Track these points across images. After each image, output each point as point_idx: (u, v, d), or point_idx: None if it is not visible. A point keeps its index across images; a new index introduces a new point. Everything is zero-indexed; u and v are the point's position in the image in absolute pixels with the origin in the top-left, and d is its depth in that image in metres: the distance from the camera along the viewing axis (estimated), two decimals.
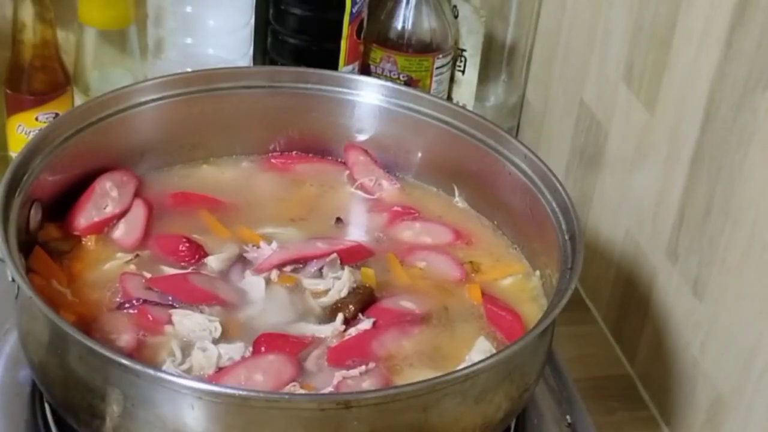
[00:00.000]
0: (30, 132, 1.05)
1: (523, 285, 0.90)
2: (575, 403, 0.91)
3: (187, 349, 0.78)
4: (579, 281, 0.77)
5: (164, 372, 0.71)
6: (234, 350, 0.78)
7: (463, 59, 1.23)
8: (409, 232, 0.95)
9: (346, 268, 0.87)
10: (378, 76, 1.18)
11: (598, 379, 1.03)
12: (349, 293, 0.85)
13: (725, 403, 0.90)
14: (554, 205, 0.86)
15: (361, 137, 0.99)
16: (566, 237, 0.83)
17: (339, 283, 0.85)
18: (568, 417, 0.89)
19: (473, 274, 0.90)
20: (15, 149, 1.07)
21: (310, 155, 1.01)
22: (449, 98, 1.24)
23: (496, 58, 1.27)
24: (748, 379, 0.87)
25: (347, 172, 1.00)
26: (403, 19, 1.18)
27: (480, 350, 0.81)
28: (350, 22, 1.14)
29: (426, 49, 1.19)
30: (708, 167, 0.91)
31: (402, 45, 1.18)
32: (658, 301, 1.00)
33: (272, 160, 1.00)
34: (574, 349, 1.02)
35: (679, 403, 0.97)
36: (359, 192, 0.99)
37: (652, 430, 0.99)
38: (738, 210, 0.87)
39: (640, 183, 1.03)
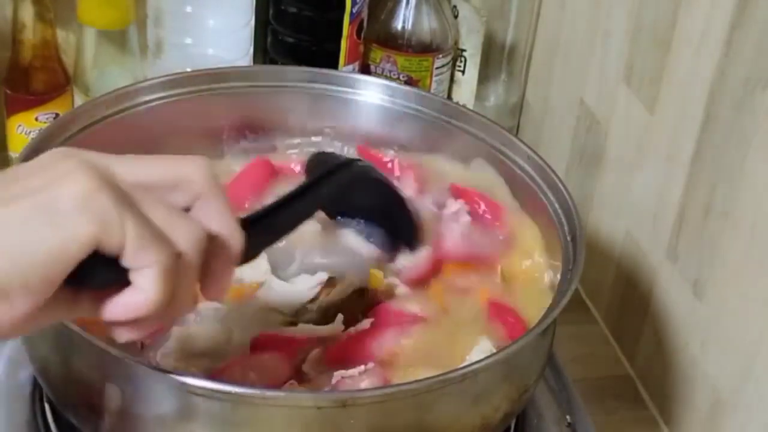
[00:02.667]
0: (30, 132, 1.05)
1: None
2: (575, 403, 0.91)
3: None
4: (579, 281, 0.77)
5: (162, 369, 0.71)
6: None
7: (463, 59, 1.23)
8: None
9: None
10: (378, 76, 1.18)
11: (598, 379, 1.03)
12: (350, 294, 0.84)
13: (725, 403, 0.90)
14: (556, 205, 0.86)
15: (362, 137, 0.99)
16: (567, 237, 0.83)
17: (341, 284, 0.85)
18: (568, 417, 0.89)
19: None
20: (15, 149, 1.07)
21: None
22: (449, 98, 1.24)
23: (496, 58, 1.27)
24: (748, 379, 0.87)
25: None
26: (403, 19, 1.18)
27: (481, 350, 0.81)
28: (350, 22, 1.14)
29: (426, 49, 1.19)
30: (708, 167, 0.91)
31: (402, 45, 1.18)
32: (658, 301, 1.00)
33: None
34: (574, 349, 1.02)
35: (679, 403, 0.97)
36: None
37: (652, 430, 0.99)
38: (738, 210, 0.87)
39: (640, 183, 1.03)
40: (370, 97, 0.97)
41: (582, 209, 1.10)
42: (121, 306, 0.57)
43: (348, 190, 0.81)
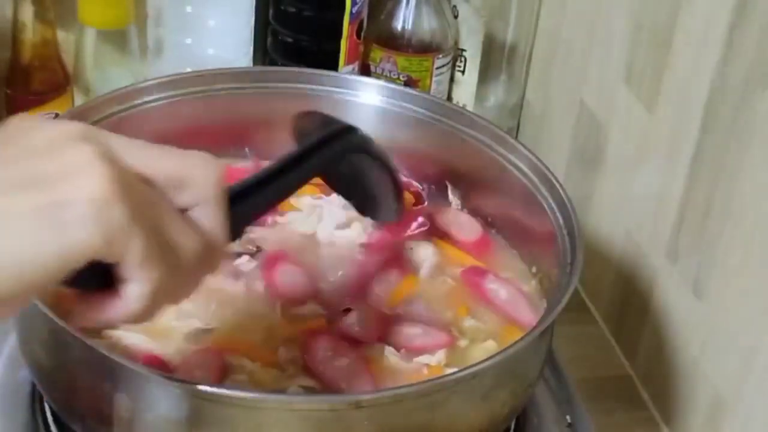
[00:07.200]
0: None
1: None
2: (575, 403, 0.91)
3: None
4: (579, 281, 0.77)
5: (174, 377, 0.71)
6: None
7: (463, 59, 1.23)
8: None
9: None
10: (378, 76, 1.18)
11: (598, 379, 1.03)
12: None
13: (725, 403, 0.90)
14: (554, 204, 0.86)
15: None
16: (565, 235, 0.83)
17: None
18: (568, 417, 0.89)
19: None
20: None
21: None
22: (449, 98, 1.24)
23: (496, 58, 1.26)
24: (748, 380, 0.87)
25: None
26: (403, 19, 1.18)
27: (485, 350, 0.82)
28: (350, 22, 1.14)
29: (426, 49, 1.19)
30: (708, 167, 0.91)
31: (402, 45, 1.18)
32: (658, 301, 1.00)
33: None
34: (574, 349, 1.02)
35: (679, 403, 0.97)
36: None
37: (652, 430, 0.99)
38: (738, 210, 0.87)
39: (640, 183, 1.03)
40: (367, 98, 0.97)
41: (582, 209, 1.10)
42: (103, 311, 0.55)
43: (342, 159, 0.78)
